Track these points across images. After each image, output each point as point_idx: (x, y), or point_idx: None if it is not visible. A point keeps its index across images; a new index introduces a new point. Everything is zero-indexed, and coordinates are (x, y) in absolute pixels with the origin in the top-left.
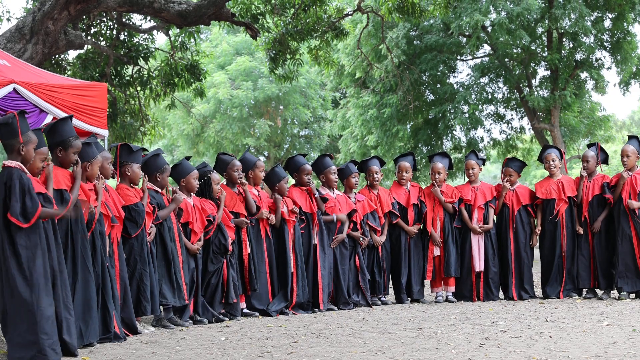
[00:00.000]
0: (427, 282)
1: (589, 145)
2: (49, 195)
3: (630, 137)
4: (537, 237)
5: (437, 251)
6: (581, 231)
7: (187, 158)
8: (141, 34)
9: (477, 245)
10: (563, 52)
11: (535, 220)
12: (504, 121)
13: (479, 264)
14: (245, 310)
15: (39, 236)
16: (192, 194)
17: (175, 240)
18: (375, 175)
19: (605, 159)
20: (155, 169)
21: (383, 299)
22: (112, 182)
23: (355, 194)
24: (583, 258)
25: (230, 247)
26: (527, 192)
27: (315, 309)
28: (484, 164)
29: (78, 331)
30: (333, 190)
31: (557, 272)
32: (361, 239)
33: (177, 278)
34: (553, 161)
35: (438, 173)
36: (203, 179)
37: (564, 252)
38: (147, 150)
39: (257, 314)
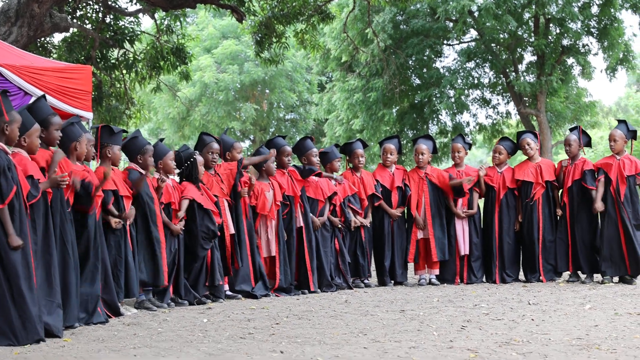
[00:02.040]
0: (410, 265)
1: (571, 129)
2: (37, 181)
3: (619, 122)
4: (519, 221)
5: (420, 234)
6: (560, 212)
7: (161, 140)
8: (127, 17)
9: (462, 229)
10: (550, 37)
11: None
12: (490, 106)
13: (464, 248)
14: (229, 292)
15: (19, 218)
16: (169, 175)
17: (157, 224)
18: (360, 159)
19: (588, 142)
20: (136, 151)
21: (366, 281)
22: (93, 165)
23: (337, 176)
24: (562, 242)
25: (219, 232)
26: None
27: (305, 291)
28: (469, 149)
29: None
30: None
31: (535, 256)
32: (337, 221)
33: (157, 261)
34: (528, 145)
35: (422, 154)
36: (188, 161)
37: (541, 236)
38: (127, 132)
39: (239, 296)
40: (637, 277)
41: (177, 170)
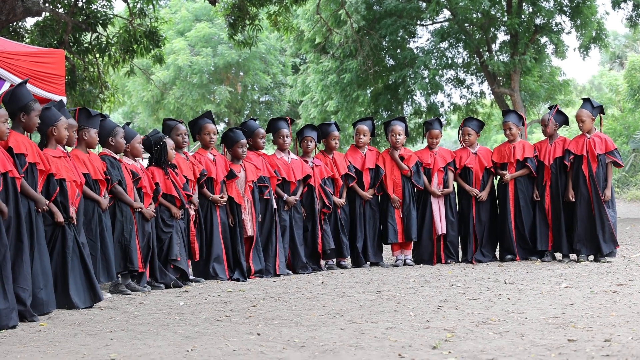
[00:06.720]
0: (387, 247)
1: (550, 108)
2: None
3: (584, 101)
4: (487, 194)
5: (401, 213)
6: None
7: (128, 124)
8: (99, 1)
9: (438, 209)
10: (523, 16)
11: (495, 180)
12: (464, 86)
13: (441, 227)
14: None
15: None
16: (137, 158)
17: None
18: (336, 140)
19: (565, 121)
20: (107, 133)
21: (342, 263)
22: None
23: (313, 158)
24: (542, 222)
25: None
26: (489, 154)
27: (290, 272)
28: (443, 129)
29: (39, 301)
30: (289, 154)
31: (510, 235)
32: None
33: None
34: (510, 129)
35: (398, 135)
36: (158, 145)
37: (513, 215)
38: (105, 116)
39: (202, 280)
40: (611, 256)
41: (147, 155)
